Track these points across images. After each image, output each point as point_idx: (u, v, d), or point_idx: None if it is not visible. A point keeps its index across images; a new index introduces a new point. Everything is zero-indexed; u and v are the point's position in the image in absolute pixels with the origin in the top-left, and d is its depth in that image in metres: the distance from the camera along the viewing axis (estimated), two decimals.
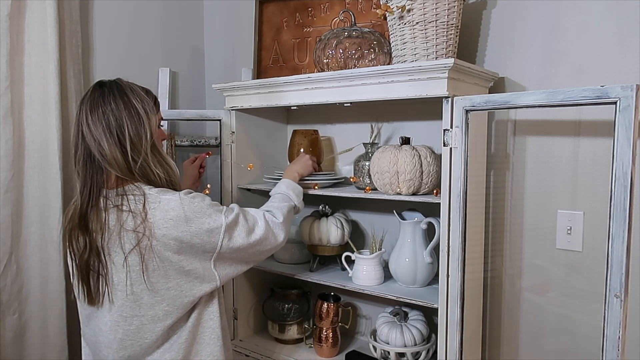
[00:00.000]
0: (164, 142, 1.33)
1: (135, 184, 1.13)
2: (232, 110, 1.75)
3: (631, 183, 0.98)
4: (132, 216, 1.09)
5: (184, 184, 1.65)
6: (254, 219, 1.24)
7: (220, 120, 1.76)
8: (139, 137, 1.13)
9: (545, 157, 1.43)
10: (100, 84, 1.17)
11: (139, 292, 1.11)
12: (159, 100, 1.25)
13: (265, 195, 1.87)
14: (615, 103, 1.00)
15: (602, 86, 1.02)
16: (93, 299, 1.15)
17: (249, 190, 1.81)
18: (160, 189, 1.14)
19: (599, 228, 1.35)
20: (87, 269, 1.13)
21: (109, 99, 1.13)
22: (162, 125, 1.28)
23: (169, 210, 1.09)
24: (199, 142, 2.04)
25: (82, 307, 1.21)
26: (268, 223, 1.26)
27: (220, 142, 1.78)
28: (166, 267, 1.11)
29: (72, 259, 1.17)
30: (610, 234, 1.01)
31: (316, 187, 1.60)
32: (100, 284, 1.13)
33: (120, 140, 1.11)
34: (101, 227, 1.11)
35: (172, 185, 1.18)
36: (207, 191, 1.73)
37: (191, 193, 1.15)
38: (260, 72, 1.90)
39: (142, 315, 1.13)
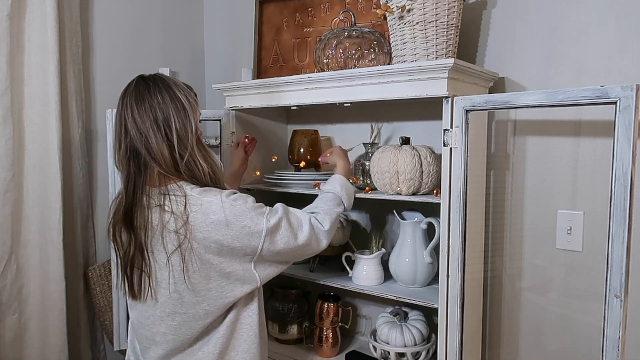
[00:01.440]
0: None
1: (178, 183, 1.13)
2: (232, 110, 1.75)
3: (631, 183, 0.98)
4: (174, 218, 1.08)
5: (232, 166, 1.67)
6: (299, 223, 1.20)
7: (220, 120, 1.76)
8: (185, 132, 1.12)
9: (545, 157, 1.43)
10: (143, 78, 1.16)
11: (182, 291, 1.12)
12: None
13: (265, 195, 1.87)
14: (615, 103, 1.00)
15: (602, 86, 1.02)
16: (136, 294, 1.17)
17: (249, 190, 1.81)
18: (202, 189, 1.13)
19: (599, 228, 1.35)
20: (132, 265, 1.14)
21: (155, 92, 1.12)
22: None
23: (209, 214, 1.08)
24: None
25: (129, 302, 1.23)
26: (313, 229, 1.22)
27: (220, 142, 1.78)
28: (207, 269, 1.11)
29: (116, 252, 1.19)
30: (610, 234, 1.01)
31: (318, 187, 1.60)
32: (143, 281, 1.14)
33: (167, 135, 1.10)
34: (145, 225, 1.11)
35: (216, 180, 1.18)
36: (257, 173, 1.76)
37: (234, 194, 1.14)
38: (260, 72, 1.90)
39: (185, 312, 1.14)
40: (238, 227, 1.10)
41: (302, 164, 1.74)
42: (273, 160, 1.81)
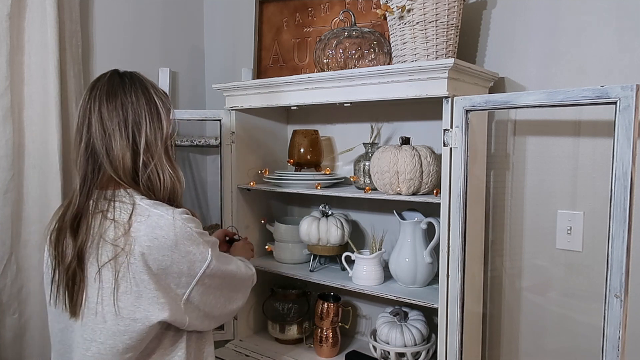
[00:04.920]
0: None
1: (128, 190, 1.00)
2: (232, 110, 1.75)
3: (631, 183, 0.98)
4: (114, 226, 0.96)
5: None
6: (231, 259, 1.14)
7: (220, 120, 1.76)
8: (154, 139, 1.02)
9: (545, 157, 1.43)
10: (119, 73, 1.06)
11: (106, 314, 0.97)
12: None
13: (265, 195, 1.87)
14: (615, 103, 1.00)
15: (602, 86, 1.02)
16: (74, 311, 1.00)
17: (248, 190, 1.81)
18: (153, 202, 1.00)
19: (599, 228, 1.35)
20: (74, 278, 0.99)
21: (130, 90, 1.02)
22: None
23: (156, 228, 0.96)
24: (199, 142, 2.03)
25: (57, 320, 1.07)
26: (243, 262, 1.19)
27: (220, 142, 1.78)
28: (138, 293, 0.96)
29: (54, 263, 1.03)
30: (610, 234, 1.01)
31: (319, 187, 1.60)
32: (79, 296, 0.99)
33: (134, 140, 1.00)
34: (86, 233, 0.98)
35: (174, 198, 1.06)
36: (252, 183, 1.75)
37: (187, 214, 1.02)
38: (260, 72, 1.90)
39: (102, 342, 0.97)
40: (183, 252, 0.98)
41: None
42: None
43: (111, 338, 0.97)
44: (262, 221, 1.85)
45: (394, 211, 1.55)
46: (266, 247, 1.84)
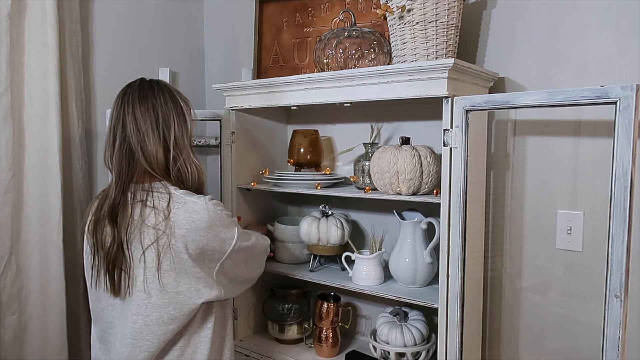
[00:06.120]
0: None
1: (162, 182, 1.14)
2: (232, 110, 1.75)
3: (631, 183, 0.98)
4: (154, 212, 1.10)
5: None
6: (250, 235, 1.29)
7: (220, 120, 1.76)
8: (181, 135, 1.17)
9: (545, 157, 1.43)
10: (146, 80, 1.20)
11: (151, 290, 1.11)
12: None
13: (265, 195, 1.87)
14: (615, 103, 1.00)
15: (602, 86, 1.02)
16: (117, 291, 1.14)
17: (248, 190, 1.81)
18: (185, 191, 1.15)
19: (599, 228, 1.35)
20: (114, 262, 1.12)
21: (159, 94, 1.16)
22: None
23: (192, 213, 1.10)
24: (199, 142, 2.03)
25: (98, 300, 1.20)
26: (258, 237, 1.33)
27: (220, 142, 1.78)
28: (179, 270, 1.11)
29: (93, 250, 1.16)
30: (610, 234, 1.01)
31: (319, 187, 1.60)
32: (123, 278, 1.13)
33: (164, 137, 1.14)
34: (126, 221, 1.11)
35: (200, 187, 1.21)
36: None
37: (214, 200, 1.17)
38: (260, 72, 1.90)
39: (148, 315, 1.12)
40: (216, 232, 1.13)
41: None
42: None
43: (157, 310, 1.11)
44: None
45: (394, 211, 1.55)
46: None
